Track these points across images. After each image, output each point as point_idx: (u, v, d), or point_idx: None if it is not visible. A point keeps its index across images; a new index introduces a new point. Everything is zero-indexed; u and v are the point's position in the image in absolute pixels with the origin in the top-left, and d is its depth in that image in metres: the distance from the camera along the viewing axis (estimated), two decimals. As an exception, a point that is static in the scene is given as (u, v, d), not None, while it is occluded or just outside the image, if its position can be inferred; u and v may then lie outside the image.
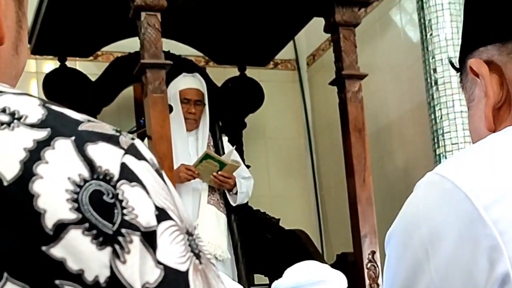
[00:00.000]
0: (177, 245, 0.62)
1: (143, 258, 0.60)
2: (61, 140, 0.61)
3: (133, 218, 0.60)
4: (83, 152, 0.61)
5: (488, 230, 0.73)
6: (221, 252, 3.88)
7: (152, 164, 0.65)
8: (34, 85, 4.68)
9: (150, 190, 0.62)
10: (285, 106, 5.26)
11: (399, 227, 0.82)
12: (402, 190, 4.25)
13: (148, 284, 0.60)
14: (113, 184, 0.61)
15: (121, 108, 4.72)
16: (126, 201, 0.61)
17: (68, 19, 3.81)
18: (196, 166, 3.84)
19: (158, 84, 3.23)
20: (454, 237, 0.75)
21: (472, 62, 0.91)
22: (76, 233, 0.59)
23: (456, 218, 0.75)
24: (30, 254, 0.58)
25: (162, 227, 0.62)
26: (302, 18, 4.02)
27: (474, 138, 0.94)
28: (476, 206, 0.75)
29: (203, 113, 4.06)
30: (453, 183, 0.77)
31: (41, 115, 0.63)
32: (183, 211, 0.65)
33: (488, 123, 0.90)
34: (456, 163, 0.81)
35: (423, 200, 0.80)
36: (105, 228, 0.59)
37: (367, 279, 3.40)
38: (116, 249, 0.59)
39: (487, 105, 0.90)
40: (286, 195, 5.15)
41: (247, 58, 4.55)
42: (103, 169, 0.61)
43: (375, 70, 4.22)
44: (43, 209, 0.58)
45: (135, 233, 0.60)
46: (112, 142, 0.63)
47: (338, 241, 4.83)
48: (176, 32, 4.13)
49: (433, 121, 3.60)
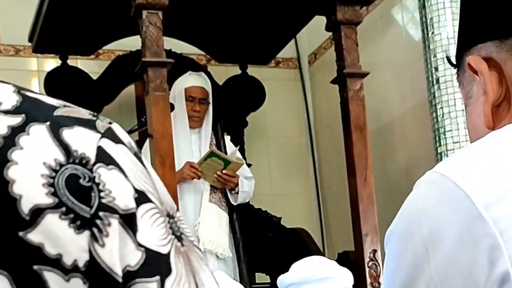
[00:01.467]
0: (158, 228, 0.61)
1: (123, 241, 0.59)
2: (36, 126, 0.61)
3: (110, 201, 0.60)
4: (58, 137, 0.60)
5: (488, 229, 0.73)
6: (223, 250, 3.88)
7: (130, 147, 0.64)
8: (36, 84, 4.68)
9: (128, 173, 0.62)
10: (287, 105, 5.26)
11: (399, 226, 0.82)
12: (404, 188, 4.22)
13: (129, 267, 0.59)
14: (90, 167, 0.60)
15: (123, 107, 4.72)
16: (103, 184, 0.60)
17: (69, 17, 3.80)
18: (201, 164, 3.84)
19: (160, 83, 3.23)
20: (454, 236, 0.75)
21: (470, 59, 0.90)
22: (53, 217, 0.58)
23: (457, 217, 0.75)
24: (7, 240, 0.58)
25: (141, 209, 0.61)
26: (304, 17, 4.02)
27: (473, 136, 0.94)
28: (476, 205, 0.74)
29: (207, 112, 4.06)
30: (453, 182, 0.76)
31: (15, 101, 0.62)
32: (164, 193, 0.64)
33: (487, 121, 0.89)
34: (456, 162, 0.81)
35: (423, 199, 0.79)
36: (82, 212, 0.59)
37: (368, 278, 3.40)
38: (95, 232, 0.59)
39: (486, 102, 0.89)
40: (287, 194, 5.15)
41: (248, 56, 4.54)
42: (79, 153, 0.60)
43: (376, 68, 4.21)
44: (19, 195, 0.58)
45: (113, 216, 0.59)
46: (88, 126, 0.62)
47: (339, 239, 4.83)
48: (178, 31, 4.12)
49: (434, 119, 3.59)
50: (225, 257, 3.90)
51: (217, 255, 3.86)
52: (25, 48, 4.62)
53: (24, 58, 4.74)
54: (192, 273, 0.63)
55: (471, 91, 0.92)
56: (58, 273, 0.58)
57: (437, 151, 3.58)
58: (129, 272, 0.60)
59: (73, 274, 0.58)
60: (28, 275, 0.58)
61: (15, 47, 4.73)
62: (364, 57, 3.69)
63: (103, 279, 0.59)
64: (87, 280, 0.59)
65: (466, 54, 0.92)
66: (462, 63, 0.94)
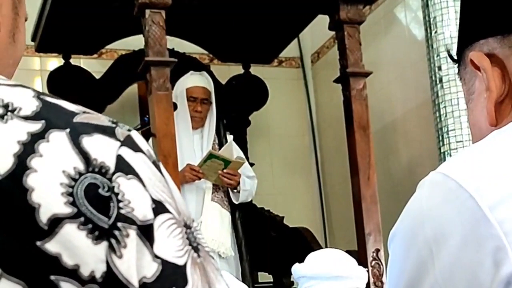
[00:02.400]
0: (175, 239, 0.61)
1: (140, 252, 0.59)
2: (55, 133, 0.60)
3: (129, 211, 0.59)
4: (78, 144, 0.60)
5: (493, 230, 0.72)
6: (225, 249, 3.88)
7: (149, 156, 0.63)
8: (39, 83, 4.68)
9: (147, 182, 0.61)
10: (290, 104, 5.25)
11: (403, 227, 0.81)
12: (407, 188, 4.23)
13: (145, 279, 0.59)
14: (109, 177, 0.60)
15: (126, 106, 4.72)
16: (122, 194, 0.59)
17: (72, 16, 3.80)
18: (201, 166, 3.84)
19: (163, 82, 3.23)
20: (458, 237, 0.74)
21: (473, 55, 0.89)
22: (71, 227, 0.58)
23: (461, 218, 0.74)
24: (24, 250, 0.57)
25: (159, 220, 0.60)
26: (307, 16, 4.01)
27: (475, 132, 0.93)
28: (480, 206, 0.73)
29: (209, 112, 4.06)
30: (457, 183, 0.76)
31: (35, 107, 0.62)
32: (181, 203, 0.64)
33: (491, 118, 0.88)
34: (460, 162, 0.80)
35: (427, 200, 0.78)
36: (100, 222, 0.58)
37: (371, 277, 3.40)
38: (112, 243, 0.58)
39: (489, 99, 0.88)
40: (290, 193, 5.14)
41: (251, 55, 4.54)
42: (98, 162, 0.60)
43: (379, 67, 4.21)
44: (38, 204, 0.57)
45: (131, 227, 0.59)
46: (108, 133, 0.62)
47: (342, 239, 4.83)
48: (181, 30, 4.12)
49: (437, 119, 3.59)
50: (228, 256, 3.90)
51: (220, 254, 3.86)
52: (28, 47, 4.61)
53: (27, 57, 4.74)
54: (208, 284, 0.63)
55: (473, 87, 0.91)
56: (75, 284, 0.58)
57: (440, 150, 3.57)
58: (146, 284, 0.59)
59: (90, 285, 0.58)
60: (45, 285, 0.57)
61: (18, 46, 4.73)
62: (367, 56, 3.68)
63: None
64: None
65: (467, 49, 0.91)
66: (463, 59, 0.93)
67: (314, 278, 2.31)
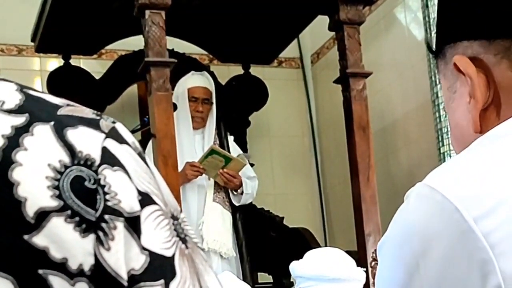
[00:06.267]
0: (162, 230, 0.61)
1: (128, 244, 0.59)
2: (40, 126, 0.60)
3: (116, 203, 0.59)
4: (62, 137, 0.60)
5: (479, 243, 0.72)
6: (226, 250, 3.88)
7: (134, 147, 0.63)
8: (38, 83, 4.68)
9: (133, 174, 0.61)
10: (289, 104, 5.25)
11: (391, 238, 0.81)
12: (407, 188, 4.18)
13: (133, 271, 0.59)
14: (95, 169, 0.59)
15: (125, 106, 4.72)
16: (109, 186, 0.59)
17: (72, 17, 3.81)
18: (202, 161, 3.84)
19: (163, 82, 3.23)
20: (445, 250, 0.74)
21: (457, 59, 0.87)
22: (58, 220, 0.57)
23: (447, 231, 0.74)
24: (12, 244, 0.57)
25: (146, 212, 0.60)
26: (307, 16, 4.02)
27: (456, 135, 0.92)
28: (466, 218, 0.73)
29: (210, 112, 4.06)
30: (442, 195, 0.75)
31: (18, 100, 0.61)
32: (168, 194, 0.64)
33: (475, 126, 0.87)
34: (446, 174, 0.79)
35: (413, 213, 0.78)
36: (87, 215, 0.58)
37: (371, 278, 3.39)
38: (100, 236, 0.58)
39: (474, 108, 0.86)
40: (290, 194, 5.15)
41: (251, 56, 4.54)
42: (84, 154, 0.59)
43: (379, 68, 4.21)
44: (24, 197, 0.57)
45: (118, 219, 0.59)
46: (92, 126, 0.61)
47: (342, 239, 4.83)
48: (180, 30, 4.12)
49: (437, 119, 3.59)
50: (229, 256, 3.90)
51: (221, 255, 3.86)
52: (28, 48, 4.62)
53: (27, 57, 4.75)
54: (196, 275, 0.62)
55: (455, 85, 0.90)
56: (63, 277, 0.57)
57: (440, 151, 3.58)
58: (134, 276, 0.59)
59: (78, 278, 0.58)
60: (33, 280, 0.57)
61: (18, 47, 4.74)
62: (367, 57, 3.69)
63: (108, 283, 0.58)
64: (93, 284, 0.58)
65: (449, 47, 0.89)
66: (444, 55, 0.91)
67: (312, 279, 2.31)
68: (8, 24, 4.59)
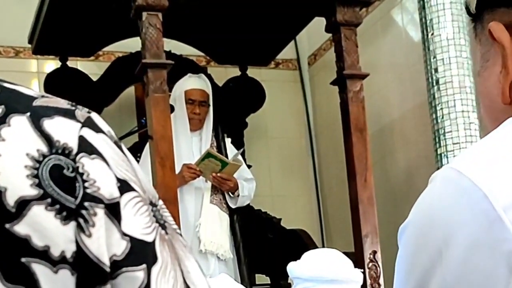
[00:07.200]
0: (142, 216, 0.61)
1: (109, 230, 0.59)
2: (16, 117, 0.60)
3: (95, 190, 0.60)
4: (39, 127, 0.60)
5: (507, 233, 0.68)
6: (224, 251, 3.88)
7: (110, 136, 0.64)
8: (35, 85, 4.68)
9: (110, 162, 0.61)
10: (287, 106, 5.26)
11: (413, 223, 0.77)
12: (404, 190, 4.24)
13: (115, 257, 0.59)
14: (73, 157, 0.60)
15: (123, 108, 4.72)
16: (87, 174, 0.60)
17: (69, 19, 3.81)
18: (198, 164, 3.84)
19: (160, 84, 3.23)
20: (470, 239, 0.70)
21: (492, 26, 0.84)
22: (39, 209, 0.58)
23: (473, 219, 0.70)
24: None
25: (125, 198, 0.61)
26: (304, 18, 4.02)
27: (486, 104, 0.88)
28: (495, 207, 0.68)
29: (207, 114, 4.06)
30: (471, 181, 0.70)
31: None
32: (145, 182, 0.64)
33: (505, 97, 0.83)
34: (475, 157, 0.75)
35: (438, 198, 0.74)
36: (67, 203, 0.59)
37: (368, 279, 3.40)
38: (81, 223, 0.59)
39: (505, 79, 0.82)
40: (287, 195, 5.15)
41: (248, 57, 4.55)
42: (61, 143, 0.60)
43: (376, 70, 4.21)
44: (4, 187, 0.58)
45: (98, 206, 0.59)
46: (68, 116, 0.62)
47: (339, 241, 4.83)
48: (178, 32, 4.13)
49: (434, 120, 3.59)
50: (226, 258, 3.90)
51: (218, 256, 3.86)
52: (25, 50, 4.62)
53: (24, 59, 4.75)
54: (177, 260, 0.63)
55: (489, 53, 0.86)
56: (46, 265, 0.58)
57: (437, 152, 3.58)
58: (116, 262, 0.59)
59: (61, 265, 0.58)
60: (16, 268, 0.58)
61: (15, 49, 4.73)
62: (364, 58, 3.69)
63: (91, 269, 0.59)
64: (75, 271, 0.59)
65: (487, 12, 0.86)
66: (481, 19, 0.87)
67: (310, 280, 2.31)
68: (5, 26, 4.59)
